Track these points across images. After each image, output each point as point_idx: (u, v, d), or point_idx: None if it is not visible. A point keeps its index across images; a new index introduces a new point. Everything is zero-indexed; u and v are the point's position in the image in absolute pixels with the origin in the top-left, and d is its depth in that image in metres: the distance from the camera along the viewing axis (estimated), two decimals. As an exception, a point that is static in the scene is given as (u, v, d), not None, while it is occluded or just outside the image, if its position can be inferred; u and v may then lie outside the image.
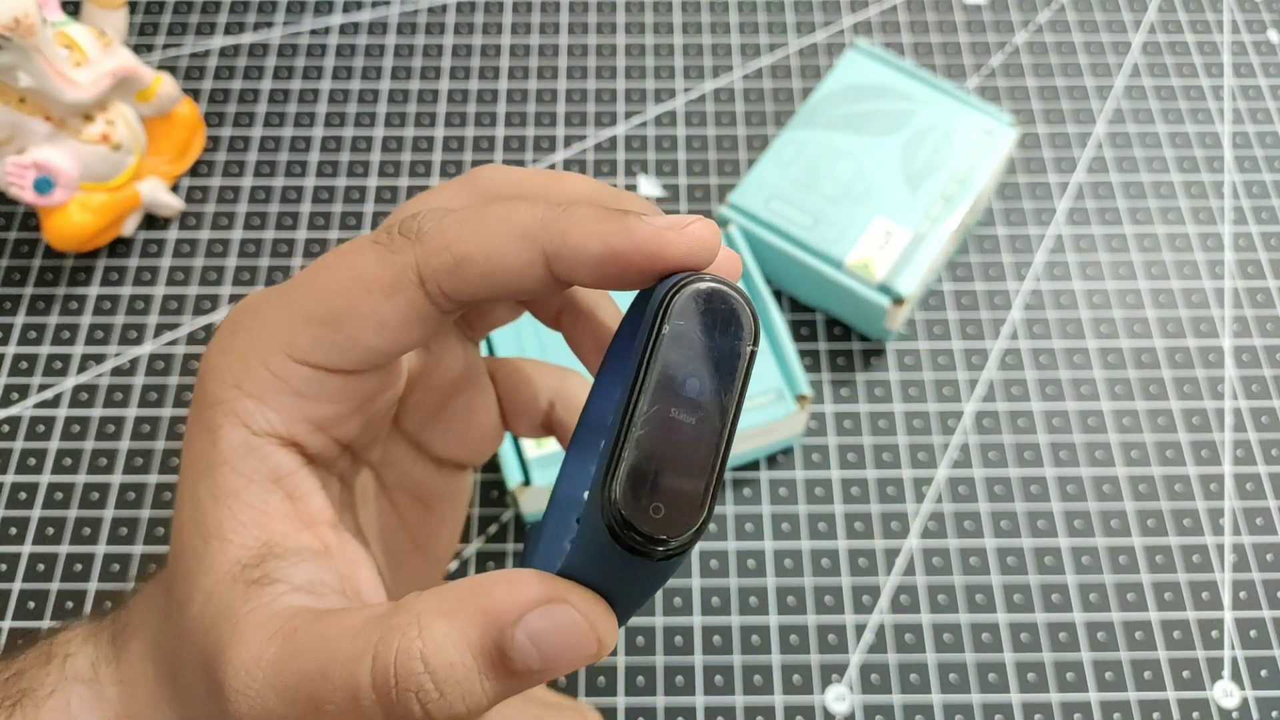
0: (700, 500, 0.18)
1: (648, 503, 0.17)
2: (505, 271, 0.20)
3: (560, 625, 0.19)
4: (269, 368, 0.21)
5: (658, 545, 0.17)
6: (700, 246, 0.19)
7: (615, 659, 0.36)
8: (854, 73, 0.44)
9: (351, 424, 0.23)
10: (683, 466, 0.18)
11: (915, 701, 0.35)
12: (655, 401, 0.18)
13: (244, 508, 0.21)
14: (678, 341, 0.18)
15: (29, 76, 0.37)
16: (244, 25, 0.50)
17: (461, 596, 0.19)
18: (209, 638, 0.20)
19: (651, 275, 0.20)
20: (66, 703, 0.23)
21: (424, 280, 0.20)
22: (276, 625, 0.20)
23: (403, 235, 0.21)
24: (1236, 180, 0.46)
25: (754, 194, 0.41)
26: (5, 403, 0.40)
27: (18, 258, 0.44)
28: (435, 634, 0.19)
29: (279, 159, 0.46)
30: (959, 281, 0.43)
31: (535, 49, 0.50)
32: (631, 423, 0.18)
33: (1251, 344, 0.42)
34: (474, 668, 0.19)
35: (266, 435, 0.22)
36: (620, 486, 0.17)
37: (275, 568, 0.21)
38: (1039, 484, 0.39)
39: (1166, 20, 0.50)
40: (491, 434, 0.27)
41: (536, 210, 0.20)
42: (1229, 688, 0.35)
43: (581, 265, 0.20)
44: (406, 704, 0.19)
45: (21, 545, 0.38)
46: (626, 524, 0.17)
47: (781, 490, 0.39)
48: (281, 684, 0.19)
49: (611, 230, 0.19)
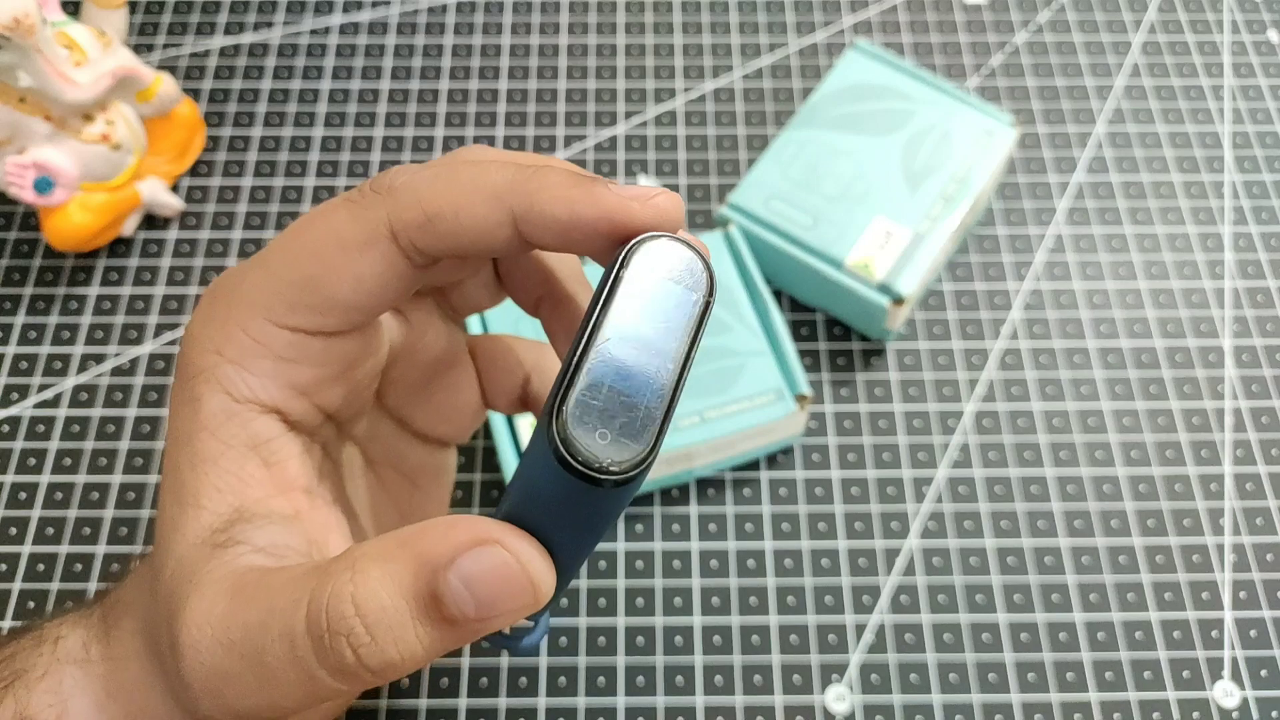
0: (650, 433, 0.17)
1: (595, 428, 0.17)
2: (474, 229, 0.20)
3: (492, 567, 0.18)
4: (249, 333, 0.21)
5: (604, 472, 0.17)
6: (663, 218, 0.20)
7: (615, 659, 0.36)
8: (854, 73, 0.44)
9: (334, 391, 0.23)
10: (633, 399, 0.18)
11: (915, 701, 0.35)
12: (609, 335, 0.18)
13: (220, 474, 0.21)
14: (634, 284, 0.18)
15: (29, 76, 0.37)
16: (244, 25, 0.50)
17: (400, 541, 0.19)
18: (173, 598, 0.20)
19: (615, 242, 0.20)
20: (59, 683, 0.23)
21: (396, 235, 0.21)
22: (230, 582, 0.20)
23: (374, 192, 0.21)
24: (1236, 180, 0.46)
25: (754, 194, 0.41)
26: (5, 403, 0.40)
27: (18, 258, 0.44)
28: (368, 577, 0.18)
29: (279, 159, 0.46)
30: (959, 281, 0.43)
31: (535, 49, 0.50)
32: (585, 352, 0.18)
33: (1251, 344, 0.42)
34: (405, 611, 0.18)
35: (247, 401, 0.22)
36: (570, 410, 0.17)
37: (240, 531, 0.21)
38: (1039, 484, 0.39)
39: (1166, 20, 0.50)
40: (473, 410, 0.28)
41: (506, 171, 0.20)
42: (1229, 688, 0.35)
43: (547, 228, 0.20)
44: (339, 649, 0.18)
45: (21, 545, 0.38)
46: (574, 449, 0.17)
47: (781, 490, 0.39)
48: (228, 639, 0.19)
49: (578, 196, 0.20)
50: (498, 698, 0.35)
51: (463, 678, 0.35)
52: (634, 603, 0.37)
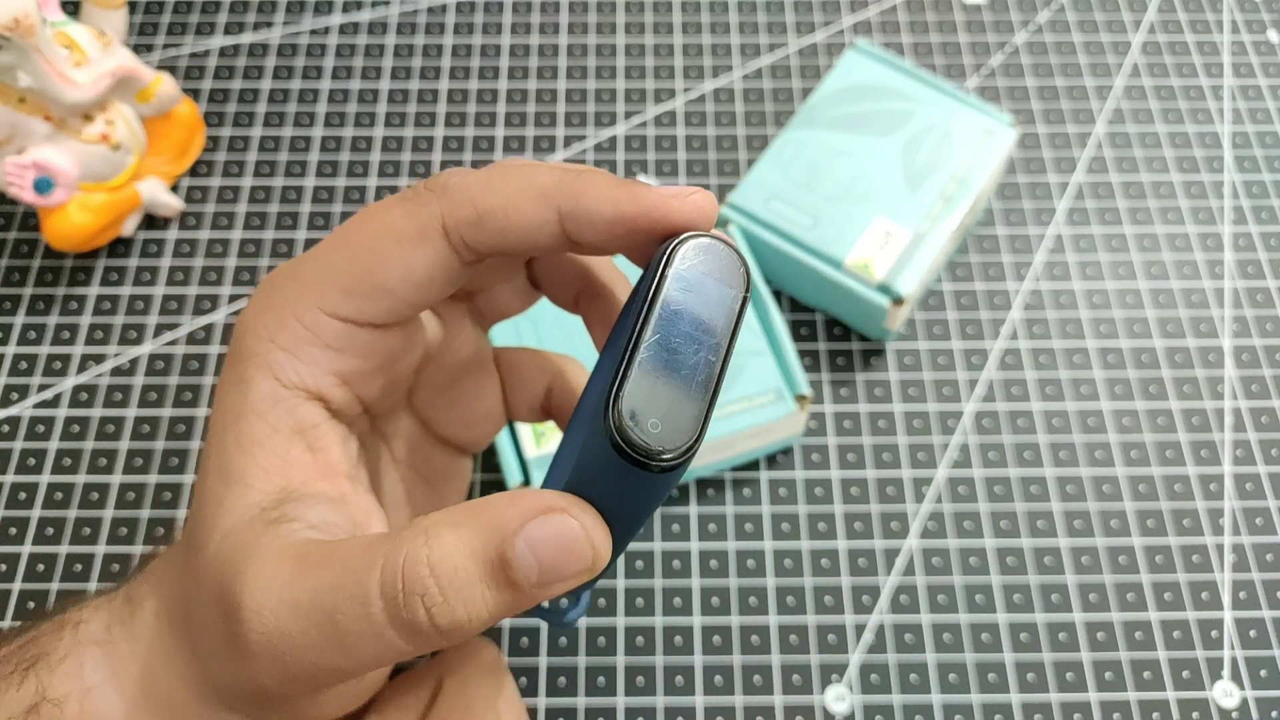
0: (695, 420, 0.19)
1: (648, 418, 0.19)
2: (523, 226, 0.22)
3: (559, 534, 0.20)
4: (301, 321, 0.23)
5: (655, 458, 0.19)
6: (700, 213, 0.21)
7: (615, 658, 0.36)
8: (854, 73, 0.44)
9: (375, 382, 0.24)
10: (681, 389, 0.19)
11: (915, 701, 0.35)
12: (658, 331, 0.20)
13: (267, 455, 0.22)
14: (679, 282, 0.20)
15: (29, 76, 0.37)
16: (244, 25, 0.50)
17: (470, 510, 0.20)
18: (224, 569, 0.21)
19: (655, 238, 0.21)
20: (80, 665, 0.23)
21: (448, 231, 0.22)
22: (291, 552, 0.21)
23: (429, 190, 0.23)
24: (1236, 180, 0.46)
25: (754, 194, 0.41)
26: (5, 403, 0.40)
27: (18, 258, 0.44)
28: (442, 541, 0.20)
29: (279, 159, 0.46)
30: (959, 281, 0.43)
31: (535, 49, 0.50)
32: (636, 348, 0.19)
33: (1251, 344, 0.42)
34: (476, 574, 0.20)
35: (295, 388, 0.23)
36: (625, 402, 0.19)
37: (291, 509, 0.22)
38: (1039, 484, 0.39)
39: (1166, 20, 0.50)
40: (494, 418, 0.29)
41: (554, 173, 0.22)
42: (1229, 688, 0.35)
43: (592, 225, 0.22)
44: (413, 608, 0.19)
45: (21, 545, 0.38)
46: (628, 436, 0.19)
47: (781, 490, 0.39)
48: (294, 599, 0.20)
49: (621, 195, 0.21)
50: (497, 698, 0.35)
51: (462, 678, 0.35)
52: (634, 603, 0.37)
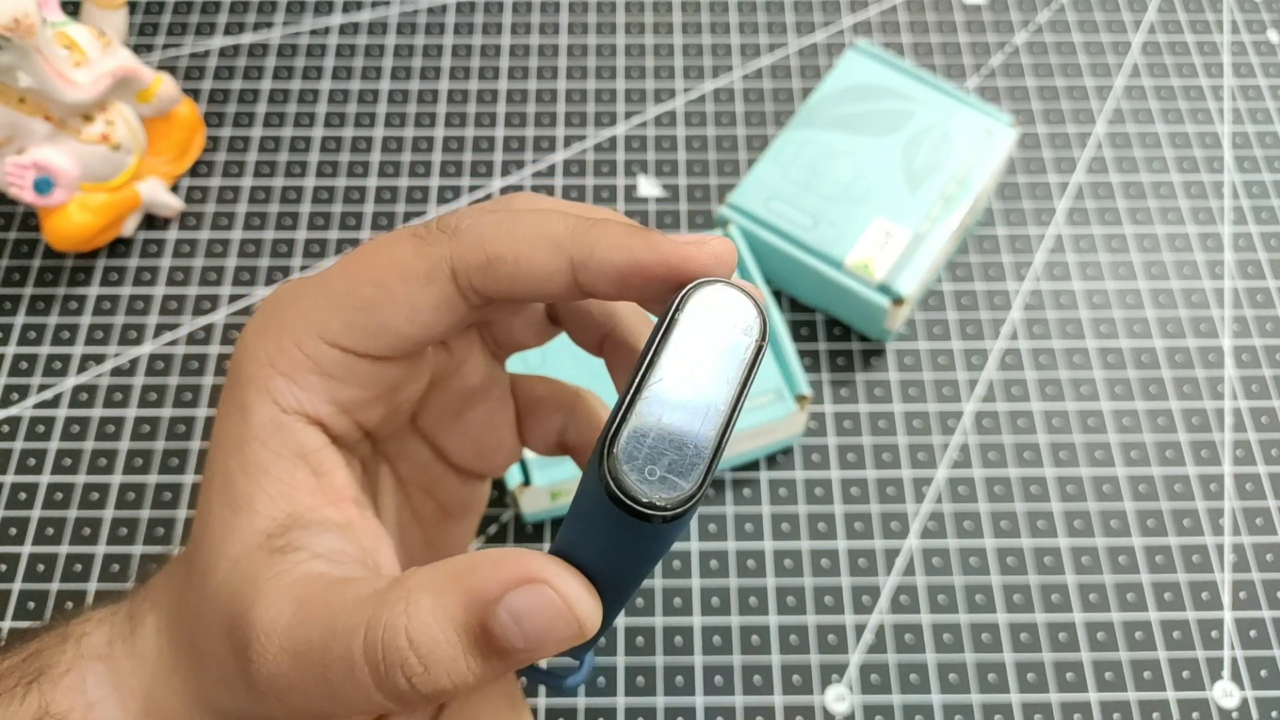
0: (698, 472, 0.18)
1: (646, 466, 0.18)
2: (533, 275, 0.21)
3: (540, 605, 0.19)
4: (301, 348, 0.22)
5: (653, 509, 0.18)
6: (719, 261, 0.21)
7: (615, 658, 0.36)
8: (854, 73, 0.44)
9: (375, 410, 0.24)
10: (682, 439, 0.18)
11: (915, 701, 0.35)
12: (662, 375, 0.18)
13: (272, 481, 0.22)
14: (689, 327, 0.19)
15: (29, 76, 0.37)
16: (244, 25, 0.50)
17: (451, 574, 0.20)
18: (233, 601, 0.21)
19: (670, 288, 0.20)
20: (82, 679, 0.23)
21: (456, 274, 0.22)
22: (295, 591, 0.20)
23: (440, 230, 0.22)
24: (1236, 180, 0.46)
25: (754, 194, 0.41)
26: (5, 403, 0.40)
27: (18, 258, 0.44)
28: (420, 610, 0.19)
29: (279, 159, 0.46)
30: (959, 281, 0.43)
31: (535, 49, 0.50)
32: (638, 392, 0.18)
33: (1251, 344, 0.42)
34: (458, 644, 0.19)
35: (294, 413, 0.22)
36: (621, 448, 0.18)
37: (298, 537, 0.22)
38: (1039, 484, 0.39)
39: (1166, 20, 0.50)
40: (508, 448, 0.28)
41: (568, 221, 0.21)
42: (1229, 688, 0.35)
43: (605, 275, 0.21)
44: (393, 678, 0.19)
45: (21, 545, 0.38)
46: (624, 485, 0.18)
47: (781, 490, 0.39)
48: (294, 649, 0.20)
49: (636, 244, 0.21)
50: (497, 698, 0.35)
51: (462, 678, 0.35)
52: (634, 603, 0.37)
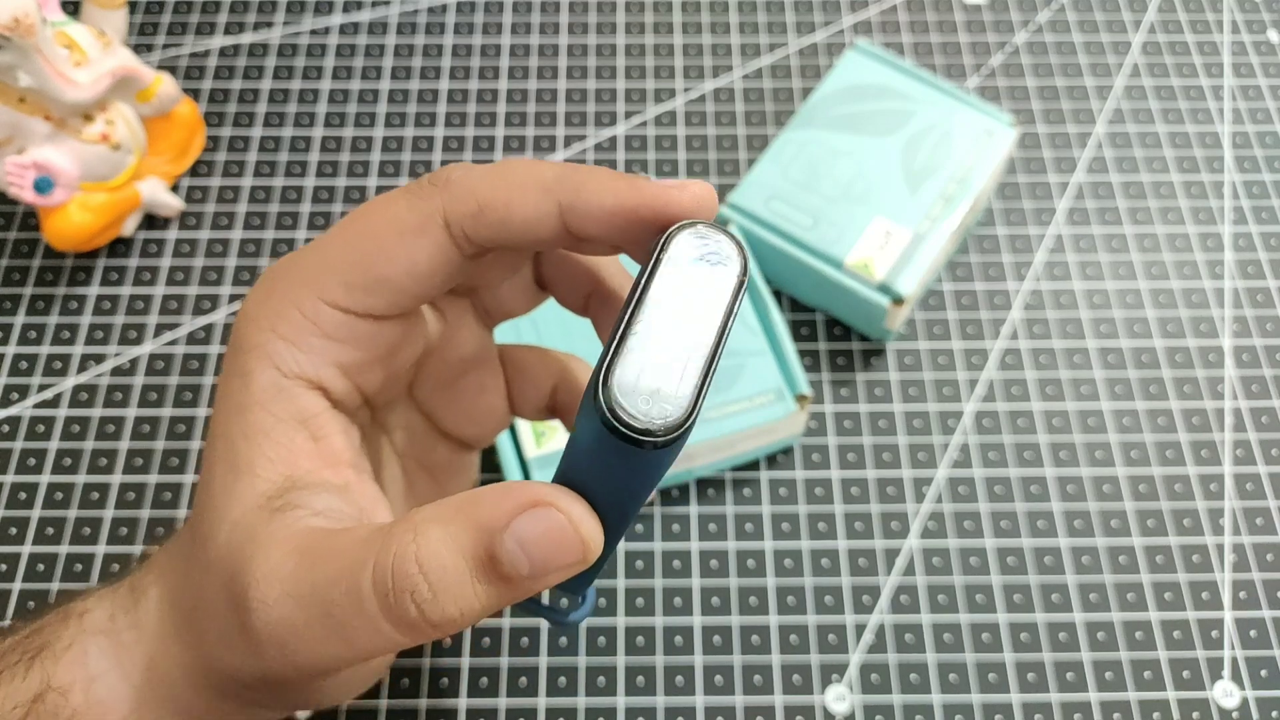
0: (690, 397, 0.19)
1: (639, 394, 0.19)
2: (523, 219, 0.22)
3: (546, 529, 0.20)
4: (302, 311, 0.23)
5: (648, 435, 0.18)
6: (700, 203, 0.22)
7: (615, 658, 0.36)
8: (854, 73, 0.44)
9: (374, 374, 0.25)
10: (674, 367, 0.19)
11: (915, 701, 0.35)
12: (651, 310, 0.19)
13: (273, 445, 0.23)
14: (674, 266, 0.20)
15: (29, 76, 0.37)
16: (244, 25, 0.50)
17: (458, 506, 0.20)
18: (233, 559, 0.21)
19: (654, 231, 0.21)
20: (84, 654, 0.24)
21: (450, 224, 0.22)
22: (295, 543, 0.21)
23: (432, 184, 0.23)
24: (1236, 180, 0.46)
25: (754, 194, 0.41)
26: (5, 403, 0.40)
27: (18, 258, 0.44)
28: (430, 539, 0.20)
29: (279, 159, 0.46)
30: (959, 281, 0.43)
31: (535, 49, 0.50)
32: (629, 328, 0.19)
33: (1251, 344, 0.42)
34: (465, 570, 0.20)
35: (295, 377, 0.23)
36: (617, 380, 0.19)
37: (297, 496, 0.22)
38: (1039, 484, 0.39)
39: (1166, 20, 0.50)
40: (498, 415, 0.29)
41: (556, 168, 0.22)
42: (1229, 688, 0.35)
43: (593, 217, 0.22)
44: (403, 605, 0.20)
45: (21, 545, 0.38)
46: (620, 414, 0.18)
47: (781, 490, 0.39)
48: (297, 592, 0.20)
49: (621, 186, 0.22)
50: (498, 698, 0.35)
51: (463, 678, 0.35)
52: (634, 603, 0.37)
